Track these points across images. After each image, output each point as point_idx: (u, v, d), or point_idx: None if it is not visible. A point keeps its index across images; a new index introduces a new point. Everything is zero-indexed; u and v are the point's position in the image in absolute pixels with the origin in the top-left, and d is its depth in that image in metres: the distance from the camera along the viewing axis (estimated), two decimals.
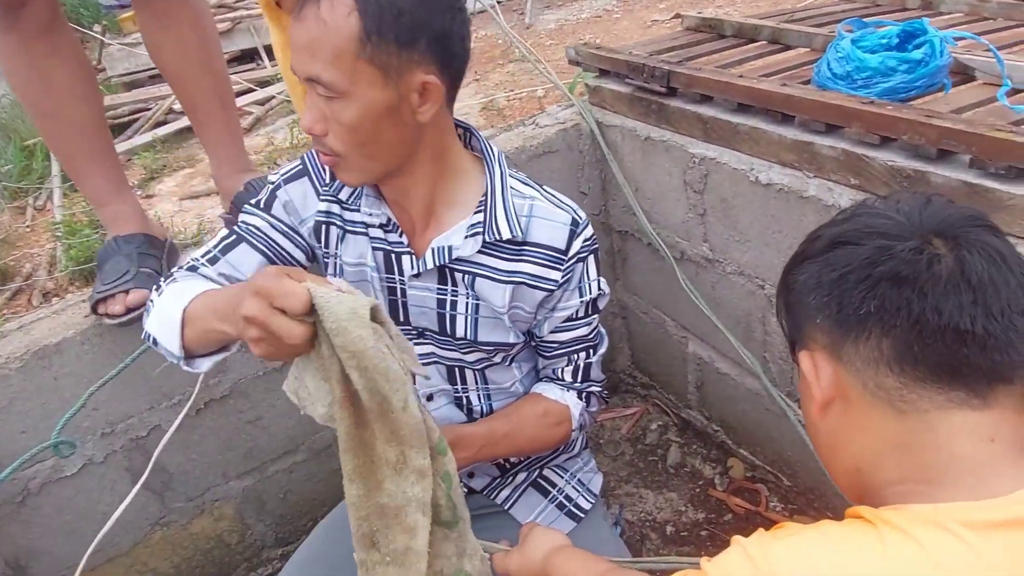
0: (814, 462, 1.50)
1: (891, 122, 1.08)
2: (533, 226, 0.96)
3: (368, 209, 0.97)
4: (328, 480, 1.70)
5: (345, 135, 0.84)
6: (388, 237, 0.97)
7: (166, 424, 1.41)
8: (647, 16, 5.82)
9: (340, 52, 0.78)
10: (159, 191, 4.42)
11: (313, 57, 0.79)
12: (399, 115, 0.84)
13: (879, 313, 0.56)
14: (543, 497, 1.18)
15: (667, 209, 1.60)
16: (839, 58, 1.27)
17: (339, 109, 0.82)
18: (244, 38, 5.85)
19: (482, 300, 0.98)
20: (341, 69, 0.79)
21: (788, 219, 1.30)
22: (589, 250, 0.99)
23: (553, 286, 0.97)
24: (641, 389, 2.11)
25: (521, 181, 1.00)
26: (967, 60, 1.29)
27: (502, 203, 0.94)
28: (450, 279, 0.98)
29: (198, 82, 1.34)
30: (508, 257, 0.96)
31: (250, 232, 1.00)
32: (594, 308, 1.05)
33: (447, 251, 0.94)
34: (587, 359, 1.07)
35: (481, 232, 0.94)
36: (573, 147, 1.68)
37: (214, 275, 0.98)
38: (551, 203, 0.98)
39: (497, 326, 1.00)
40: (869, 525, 0.55)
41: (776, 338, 1.48)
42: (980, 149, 0.98)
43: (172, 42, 1.30)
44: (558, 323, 1.02)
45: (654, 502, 1.77)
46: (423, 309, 1.00)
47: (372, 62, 0.79)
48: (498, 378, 1.07)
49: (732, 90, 1.33)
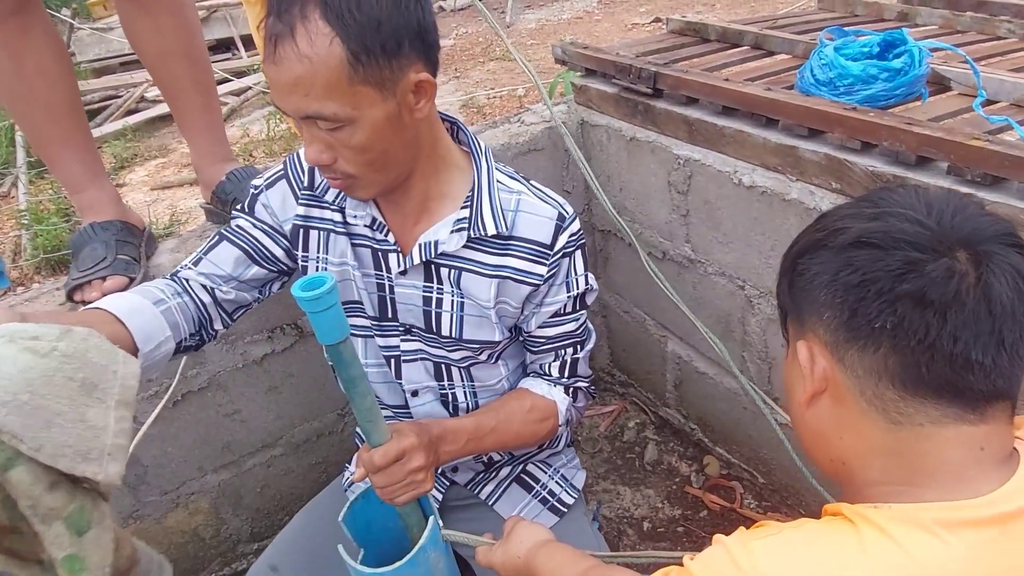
0: (788, 460, 1.53)
1: (872, 128, 1.11)
2: (519, 221, 0.96)
3: (352, 211, 0.96)
4: (306, 475, 1.68)
5: (357, 157, 0.83)
6: (375, 235, 0.97)
7: (142, 415, 1.38)
8: (627, 19, 5.87)
9: (333, 83, 0.76)
10: (130, 180, 4.33)
11: (307, 96, 0.77)
12: (401, 121, 0.84)
13: (894, 330, 0.55)
14: (526, 492, 1.19)
15: (651, 209, 1.62)
16: (822, 65, 1.30)
17: (346, 136, 0.81)
18: (220, 27, 5.77)
19: (468, 297, 0.98)
20: (340, 99, 0.77)
21: (770, 221, 1.32)
22: (576, 245, 1.00)
23: (538, 280, 0.97)
24: (620, 387, 2.13)
25: (508, 175, 1.00)
26: (944, 71, 1.33)
27: (488, 198, 0.95)
28: (436, 276, 0.98)
29: (179, 70, 1.32)
30: (494, 252, 0.96)
31: (232, 231, 1.02)
32: (582, 304, 1.05)
33: (433, 246, 0.94)
34: (574, 354, 1.08)
35: (467, 227, 0.94)
36: (559, 145, 1.69)
37: (194, 275, 0.99)
38: (538, 198, 0.98)
39: (482, 324, 1.00)
40: (848, 523, 0.56)
41: (755, 338, 1.51)
42: (958, 157, 1.01)
43: (153, 29, 1.26)
44: (546, 318, 1.03)
45: (631, 499, 1.79)
46: (409, 306, 1.00)
47: (367, 82, 0.78)
48: (484, 375, 1.08)
49: (718, 93, 1.35)
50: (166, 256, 1.38)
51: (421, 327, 1.01)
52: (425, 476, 0.90)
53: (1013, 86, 1.24)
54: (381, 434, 0.87)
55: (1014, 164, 0.94)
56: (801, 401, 0.63)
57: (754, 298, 1.45)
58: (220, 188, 1.37)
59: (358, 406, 0.83)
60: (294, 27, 0.75)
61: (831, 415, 0.62)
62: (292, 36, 0.75)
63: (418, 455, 0.88)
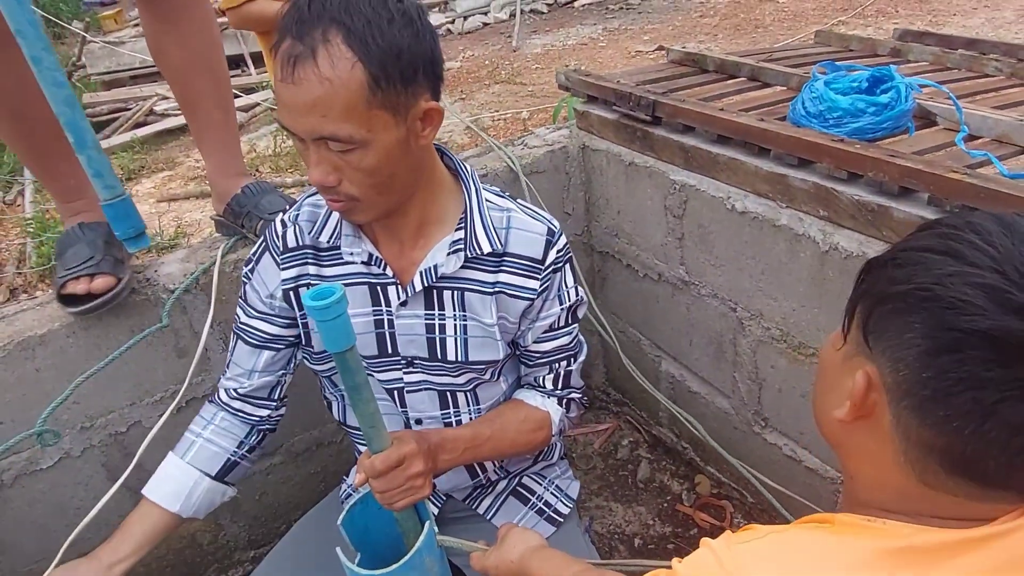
0: (775, 480, 1.57)
1: (858, 159, 1.16)
2: (512, 237, 0.99)
3: (348, 248, 0.98)
4: (304, 484, 1.71)
5: (365, 180, 0.84)
6: (371, 270, 0.99)
7: (147, 420, 1.42)
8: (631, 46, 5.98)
9: (352, 106, 0.77)
10: (136, 192, 4.39)
11: (324, 117, 0.78)
12: (408, 146, 0.85)
13: (973, 435, 0.51)
14: (523, 504, 1.21)
15: (648, 232, 1.67)
16: (813, 98, 1.35)
17: (357, 159, 0.82)
18: (230, 44, 5.88)
19: (472, 319, 1.00)
20: (356, 122, 0.79)
21: (761, 246, 1.37)
22: (564, 259, 1.03)
23: (532, 295, 1.00)
24: (614, 406, 2.16)
25: (496, 194, 1.03)
26: (930, 106, 1.39)
27: (480, 218, 0.97)
28: (437, 303, 1.00)
29: (201, 85, 1.34)
30: (490, 269, 0.99)
31: (238, 328, 1.09)
32: (574, 316, 1.09)
33: (433, 271, 0.96)
34: (568, 367, 1.11)
35: (463, 248, 0.96)
36: (560, 168, 1.75)
37: (235, 386, 1.10)
38: (527, 215, 1.01)
39: (486, 344, 1.02)
40: (828, 525, 0.59)
41: (745, 359, 1.55)
42: (937, 188, 1.06)
43: (179, 44, 1.29)
44: (540, 332, 1.06)
45: (623, 515, 1.81)
46: (411, 337, 1.02)
47: (384, 106, 0.80)
48: (487, 395, 1.10)
49: (713, 122, 1.41)
50: (176, 266, 1.42)
51: (424, 357, 1.03)
52: (424, 482, 0.93)
53: (995, 122, 1.30)
54: (382, 440, 0.90)
55: (989, 196, 0.99)
56: (835, 416, 0.59)
57: (745, 320, 1.49)
58: (235, 201, 1.41)
59: (361, 412, 0.86)
60: (315, 49, 0.76)
61: (861, 441, 0.59)
62: (314, 58, 0.76)
63: (417, 461, 0.91)
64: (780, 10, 6.36)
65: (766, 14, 6.27)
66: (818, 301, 1.30)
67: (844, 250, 1.20)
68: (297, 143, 0.85)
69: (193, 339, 1.42)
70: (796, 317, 1.37)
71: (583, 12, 7.34)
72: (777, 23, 5.96)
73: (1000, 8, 5.63)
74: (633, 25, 6.50)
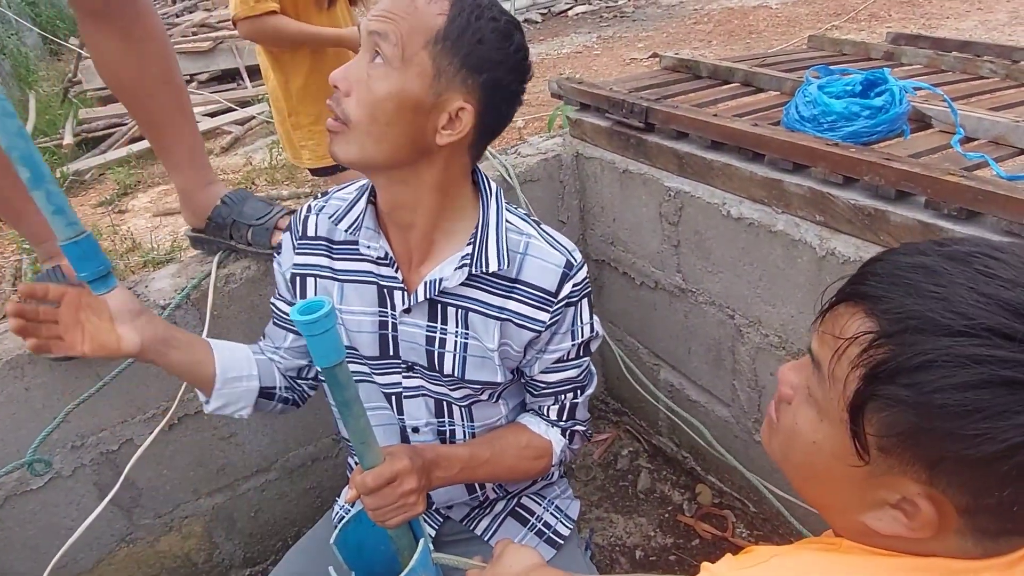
0: (779, 489, 1.55)
1: (854, 163, 1.15)
2: (526, 264, 0.96)
3: (367, 242, 0.96)
4: (300, 500, 1.69)
5: (367, 103, 0.84)
6: (381, 271, 0.98)
7: (138, 438, 1.40)
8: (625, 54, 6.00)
9: (414, 33, 0.82)
10: (132, 207, 4.38)
11: (391, 20, 0.82)
12: (422, 120, 0.84)
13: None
14: (522, 526, 1.18)
15: (643, 239, 1.65)
16: (807, 102, 1.34)
17: (378, 76, 0.83)
18: (226, 58, 5.88)
19: (473, 338, 0.98)
20: (404, 46, 0.82)
21: (757, 252, 1.36)
22: (581, 294, 0.99)
23: (540, 327, 0.97)
24: (613, 415, 2.14)
25: (520, 217, 1.00)
26: (924, 109, 1.38)
27: (494, 237, 0.94)
28: (441, 316, 0.97)
29: (165, 98, 1.28)
30: (499, 293, 0.96)
31: (272, 308, 1.12)
32: (586, 350, 1.05)
33: (437, 283, 0.94)
34: (574, 399, 1.07)
35: (469, 264, 0.93)
36: (554, 177, 1.74)
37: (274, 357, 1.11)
38: (547, 243, 0.97)
39: (485, 365, 1.00)
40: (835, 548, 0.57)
41: (744, 367, 1.53)
42: (934, 191, 1.05)
43: (137, 59, 1.22)
44: (548, 364, 1.02)
45: (624, 527, 1.79)
46: (412, 345, 1.00)
47: (433, 59, 0.82)
48: (484, 415, 1.07)
49: (707, 128, 1.40)
50: (167, 281, 1.41)
51: (423, 365, 1.01)
52: (417, 499, 0.91)
53: (991, 124, 1.29)
54: (375, 456, 0.88)
55: (988, 199, 0.98)
56: (870, 523, 0.53)
57: (743, 327, 1.48)
58: (217, 213, 1.37)
59: (352, 428, 0.85)
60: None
61: (894, 531, 0.53)
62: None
63: (410, 478, 0.89)
64: (774, 16, 6.38)
65: (760, 20, 6.30)
66: (816, 307, 1.29)
67: (841, 255, 1.19)
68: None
69: None
70: (795, 324, 1.35)
71: (577, 21, 7.37)
72: (771, 29, 5.98)
73: (993, 11, 5.65)
74: (627, 33, 6.52)
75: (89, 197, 4.53)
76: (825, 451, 0.55)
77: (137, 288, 1.39)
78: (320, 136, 2.18)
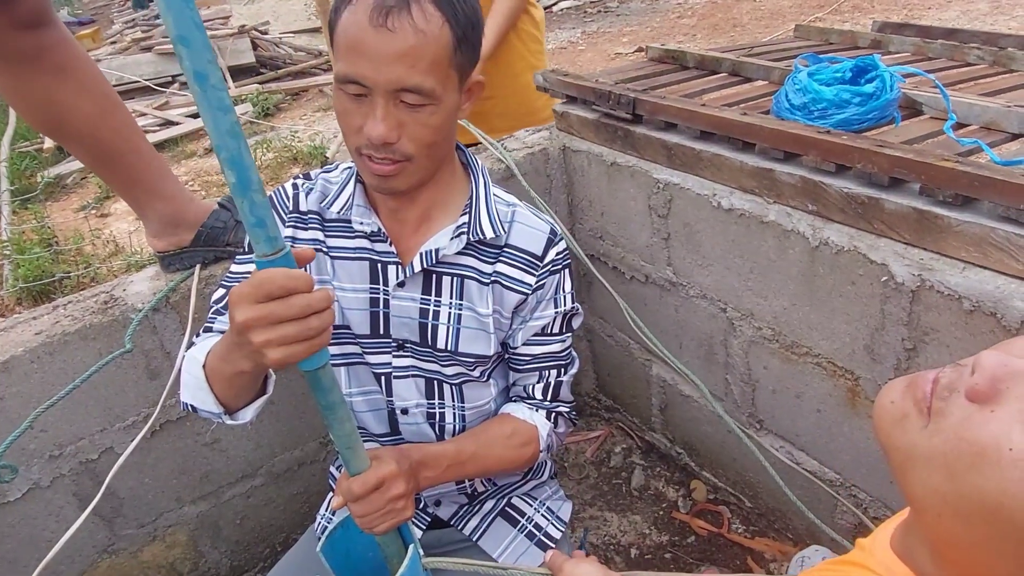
0: (774, 483, 1.53)
1: (846, 151, 1.13)
2: (514, 230, 1.01)
3: (359, 219, 0.98)
4: (287, 506, 1.65)
5: (425, 138, 0.85)
6: (375, 247, 0.98)
7: (119, 446, 1.36)
8: (610, 49, 5.99)
9: (438, 60, 0.81)
10: (115, 210, 4.31)
11: (413, 68, 0.80)
12: (456, 115, 0.90)
13: None
14: (512, 527, 1.16)
15: (632, 233, 1.63)
16: (796, 90, 1.32)
17: (426, 115, 0.84)
18: None
19: (468, 308, 1.00)
20: (438, 77, 0.82)
21: (748, 243, 1.34)
22: (563, 263, 1.04)
23: (527, 290, 1.00)
24: (605, 412, 2.12)
25: (504, 190, 1.06)
26: (915, 95, 1.36)
27: (486, 206, 0.99)
28: (435, 288, 0.99)
29: (119, 123, 1.19)
30: (489, 259, 1.00)
31: (237, 280, 1.00)
32: (568, 325, 1.07)
33: (434, 253, 0.96)
34: (558, 377, 1.08)
35: (466, 232, 0.97)
36: (540, 171, 1.71)
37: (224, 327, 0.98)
38: (532, 213, 1.04)
39: (478, 337, 1.01)
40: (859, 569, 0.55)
41: (737, 360, 1.51)
42: (929, 178, 1.03)
43: (81, 92, 1.13)
44: (531, 334, 1.04)
45: (618, 525, 1.77)
46: (405, 320, 1.00)
47: (457, 68, 0.85)
48: (474, 395, 1.07)
49: (696, 118, 1.37)
50: (145, 284, 1.37)
51: (415, 341, 1.01)
52: (405, 503, 0.89)
53: (982, 109, 1.27)
54: (360, 461, 0.86)
55: (983, 184, 0.96)
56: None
57: (735, 320, 1.46)
58: (215, 218, 1.31)
59: (337, 433, 0.82)
60: (409, 3, 0.79)
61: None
62: (408, 10, 0.79)
63: (398, 483, 0.87)
64: (757, 8, 6.39)
65: (743, 13, 6.30)
66: (809, 299, 1.27)
67: (835, 244, 1.17)
68: (350, 102, 0.83)
69: (165, 360, 1.37)
70: (787, 316, 1.33)
71: (561, 16, 7.34)
72: (755, 21, 5.98)
73: (973, 1, 5.68)
74: (611, 28, 6.51)
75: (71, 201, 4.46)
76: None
77: (115, 291, 1.35)
78: None
